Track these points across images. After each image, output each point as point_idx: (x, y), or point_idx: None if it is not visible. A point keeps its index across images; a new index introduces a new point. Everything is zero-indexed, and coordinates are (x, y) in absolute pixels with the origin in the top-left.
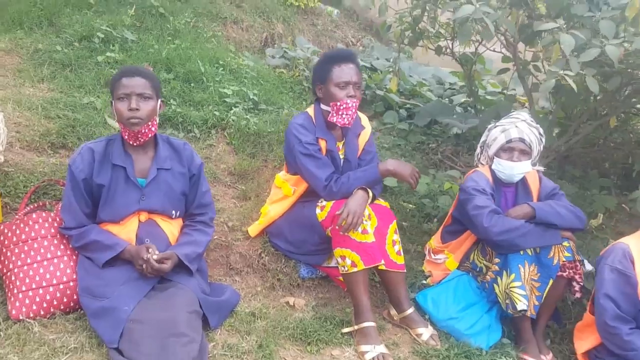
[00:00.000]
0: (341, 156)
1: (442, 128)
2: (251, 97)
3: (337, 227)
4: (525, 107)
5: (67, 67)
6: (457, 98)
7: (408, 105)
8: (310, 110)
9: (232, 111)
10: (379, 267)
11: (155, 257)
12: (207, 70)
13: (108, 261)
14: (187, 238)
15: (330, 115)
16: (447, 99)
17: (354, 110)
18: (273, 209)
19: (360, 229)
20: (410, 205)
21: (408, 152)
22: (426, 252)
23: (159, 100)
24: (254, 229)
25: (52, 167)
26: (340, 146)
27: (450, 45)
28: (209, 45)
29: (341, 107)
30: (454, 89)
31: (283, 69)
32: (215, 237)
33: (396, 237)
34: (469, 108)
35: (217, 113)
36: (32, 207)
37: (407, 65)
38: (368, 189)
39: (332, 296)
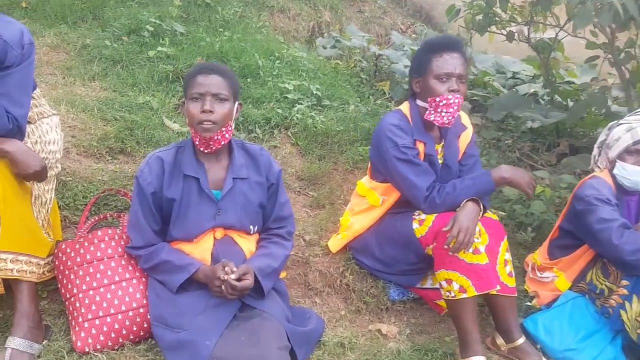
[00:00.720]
0: (439, 161)
1: (516, 122)
2: (314, 92)
3: (445, 247)
4: None
5: (118, 63)
6: (522, 88)
7: (475, 97)
8: (405, 107)
9: (295, 108)
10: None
11: (233, 275)
12: (263, 63)
13: (182, 285)
14: (263, 251)
15: (427, 112)
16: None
17: (456, 108)
18: (357, 221)
19: (471, 249)
20: (501, 213)
21: (485, 149)
22: (528, 269)
23: (237, 103)
24: (335, 244)
25: (111, 175)
26: (439, 149)
27: (526, 31)
28: (259, 36)
29: (440, 104)
30: (517, 78)
31: (338, 60)
32: (292, 252)
33: (508, 256)
34: (541, 100)
35: (280, 111)
36: (93, 220)
37: None
38: (479, 201)
39: (426, 321)
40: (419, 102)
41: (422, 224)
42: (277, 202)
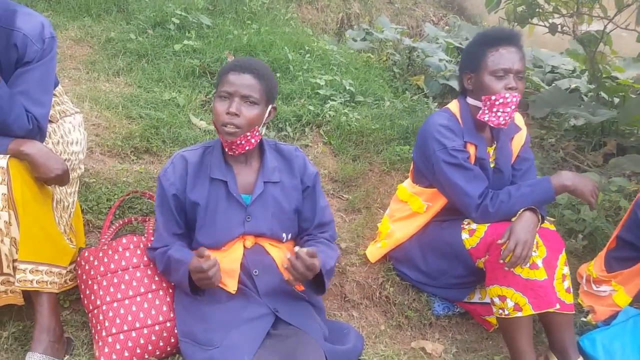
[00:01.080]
0: (491, 165)
1: (558, 120)
2: (347, 87)
3: (500, 262)
4: None
5: (143, 58)
6: (562, 83)
7: None
8: (454, 106)
9: (328, 105)
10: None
11: (302, 250)
12: (293, 57)
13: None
14: (317, 248)
15: (480, 112)
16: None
17: (513, 107)
18: (398, 228)
19: (528, 263)
20: (550, 219)
21: None
22: (582, 281)
23: (270, 107)
24: (374, 253)
25: (136, 176)
26: (491, 152)
27: (570, 23)
28: (287, 28)
29: (496, 102)
30: (556, 72)
31: (369, 54)
32: None
33: (566, 270)
34: (584, 96)
35: (311, 108)
36: (117, 224)
37: None
38: (537, 211)
39: (472, 338)
40: (471, 101)
41: (472, 234)
42: (317, 207)
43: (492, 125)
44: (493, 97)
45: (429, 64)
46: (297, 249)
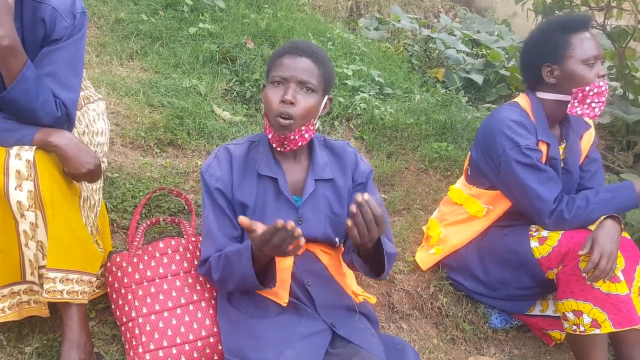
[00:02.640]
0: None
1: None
2: (376, 78)
3: (584, 275)
4: None
5: (157, 41)
6: None
7: None
8: (523, 101)
9: (358, 97)
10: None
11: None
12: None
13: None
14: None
15: (570, 106)
16: None
17: (607, 96)
18: (453, 233)
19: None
20: None
21: None
22: None
23: (326, 98)
24: (426, 260)
25: (161, 171)
26: (560, 152)
27: (600, 17)
28: (301, 14)
29: (590, 93)
30: None
31: (387, 43)
32: None
33: None
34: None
35: (341, 100)
36: (145, 225)
37: (509, 39)
38: (619, 219)
39: (530, 353)
40: (546, 95)
41: (543, 242)
42: None
43: (589, 117)
44: (587, 88)
45: (448, 55)
46: (360, 196)
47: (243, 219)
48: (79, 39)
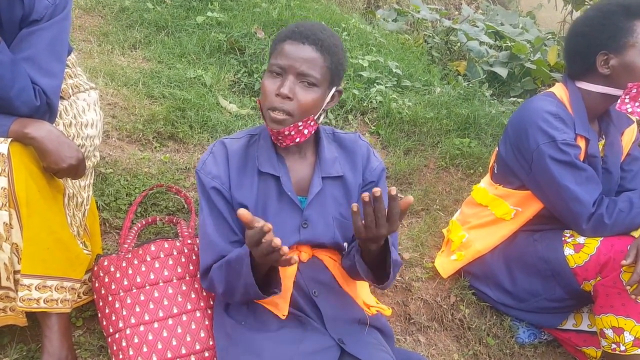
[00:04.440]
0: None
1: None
2: (393, 70)
3: (627, 288)
4: None
5: (163, 30)
6: None
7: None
8: (559, 90)
9: (374, 89)
10: None
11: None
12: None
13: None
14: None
15: (620, 102)
16: None
17: None
18: (477, 238)
19: None
20: None
21: None
22: None
23: (334, 89)
24: (447, 267)
25: (159, 167)
26: (600, 149)
27: None
28: (316, 5)
29: None
30: None
31: (406, 35)
32: None
33: None
34: None
35: (356, 92)
36: (139, 225)
37: (534, 31)
38: None
39: None
40: (597, 88)
41: (579, 250)
42: None
43: (638, 117)
44: None
45: (470, 48)
46: (379, 191)
47: (243, 212)
48: (61, 19)
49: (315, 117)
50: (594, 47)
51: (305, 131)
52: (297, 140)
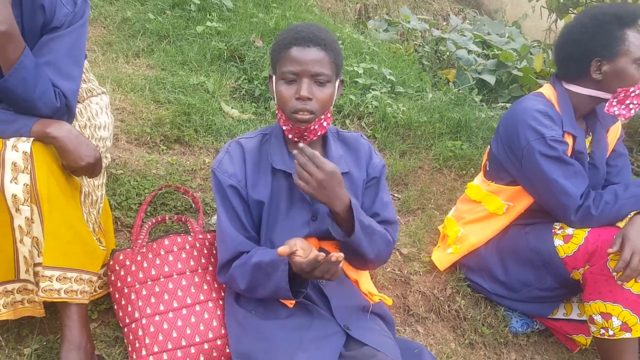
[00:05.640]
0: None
1: None
2: (387, 76)
3: (614, 274)
4: None
5: (164, 39)
6: None
7: None
8: (547, 90)
9: (370, 95)
10: None
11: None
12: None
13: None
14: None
15: (608, 104)
16: None
17: None
18: (472, 232)
19: None
20: None
21: None
22: None
23: (338, 80)
24: (443, 260)
25: (167, 168)
26: (587, 145)
27: None
28: (310, 15)
29: (632, 94)
30: None
31: (397, 44)
32: (388, 269)
33: None
34: None
35: (352, 97)
36: (150, 223)
37: (520, 40)
38: None
39: (552, 358)
40: (587, 91)
41: (568, 240)
42: (377, 198)
43: (623, 118)
44: (631, 89)
45: (459, 56)
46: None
47: (282, 251)
48: (80, 26)
49: (331, 109)
50: (588, 53)
51: (325, 123)
52: (320, 133)
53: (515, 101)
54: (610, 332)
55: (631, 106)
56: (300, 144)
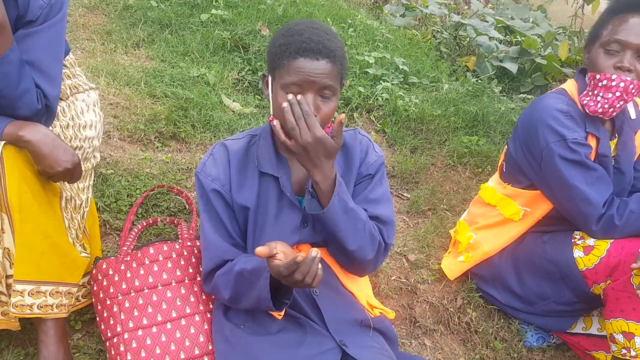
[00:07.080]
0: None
1: None
2: (400, 66)
3: (637, 292)
4: None
5: (166, 28)
6: None
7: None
8: (570, 86)
9: (380, 86)
10: None
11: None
12: (336, 31)
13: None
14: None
15: (583, 93)
16: None
17: (618, 95)
18: (485, 239)
19: None
20: None
21: None
22: None
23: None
24: (454, 268)
25: (161, 167)
26: (612, 148)
27: None
28: (322, 1)
29: (599, 84)
30: None
31: (414, 30)
32: (393, 277)
33: None
34: None
35: (361, 89)
36: (140, 226)
37: (545, 25)
38: None
39: None
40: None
41: (589, 252)
42: (367, 193)
43: (588, 110)
44: (598, 77)
45: (480, 43)
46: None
47: (260, 251)
48: (58, 21)
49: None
50: (587, 39)
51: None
52: None
53: (538, 91)
54: (633, 353)
55: (598, 99)
56: (299, 96)
